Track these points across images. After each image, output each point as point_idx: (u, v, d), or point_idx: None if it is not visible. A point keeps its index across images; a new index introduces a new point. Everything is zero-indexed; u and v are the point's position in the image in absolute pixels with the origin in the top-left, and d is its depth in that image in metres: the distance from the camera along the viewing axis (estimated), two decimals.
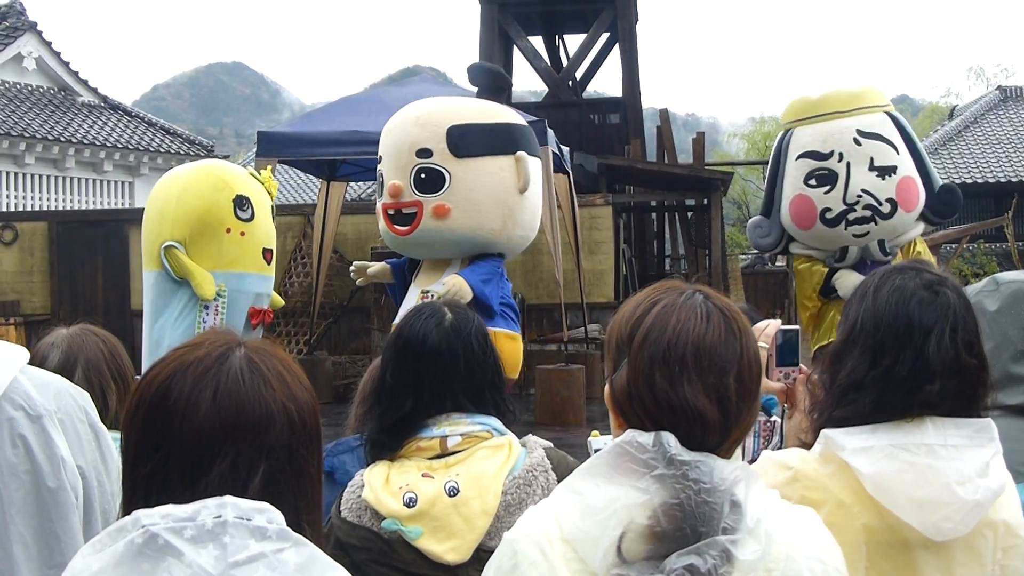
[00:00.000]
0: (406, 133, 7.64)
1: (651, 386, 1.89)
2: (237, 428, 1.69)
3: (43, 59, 28.59)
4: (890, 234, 7.94)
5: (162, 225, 7.71)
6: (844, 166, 7.98)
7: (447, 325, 2.89)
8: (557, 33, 28.09)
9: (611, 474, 1.84)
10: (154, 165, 29.25)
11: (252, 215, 7.76)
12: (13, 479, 2.23)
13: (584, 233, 16.53)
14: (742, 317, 1.99)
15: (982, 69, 64.42)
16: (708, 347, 1.90)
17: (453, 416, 2.80)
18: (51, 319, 17.98)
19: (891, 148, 7.79)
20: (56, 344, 3.37)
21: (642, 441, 1.84)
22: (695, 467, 1.81)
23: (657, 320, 1.94)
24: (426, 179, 7.52)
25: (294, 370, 1.83)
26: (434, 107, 7.84)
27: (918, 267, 2.43)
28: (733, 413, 1.89)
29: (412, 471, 2.74)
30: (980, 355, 2.34)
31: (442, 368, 2.83)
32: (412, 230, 7.60)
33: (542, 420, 13.63)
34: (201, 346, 1.78)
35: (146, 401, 1.73)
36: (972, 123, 36.78)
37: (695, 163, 22.75)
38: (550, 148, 12.52)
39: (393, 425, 2.81)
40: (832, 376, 2.40)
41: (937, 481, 2.20)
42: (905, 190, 7.77)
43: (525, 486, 2.73)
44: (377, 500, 2.70)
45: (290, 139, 13.02)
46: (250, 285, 7.83)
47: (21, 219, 19.72)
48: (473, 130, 7.66)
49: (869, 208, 7.89)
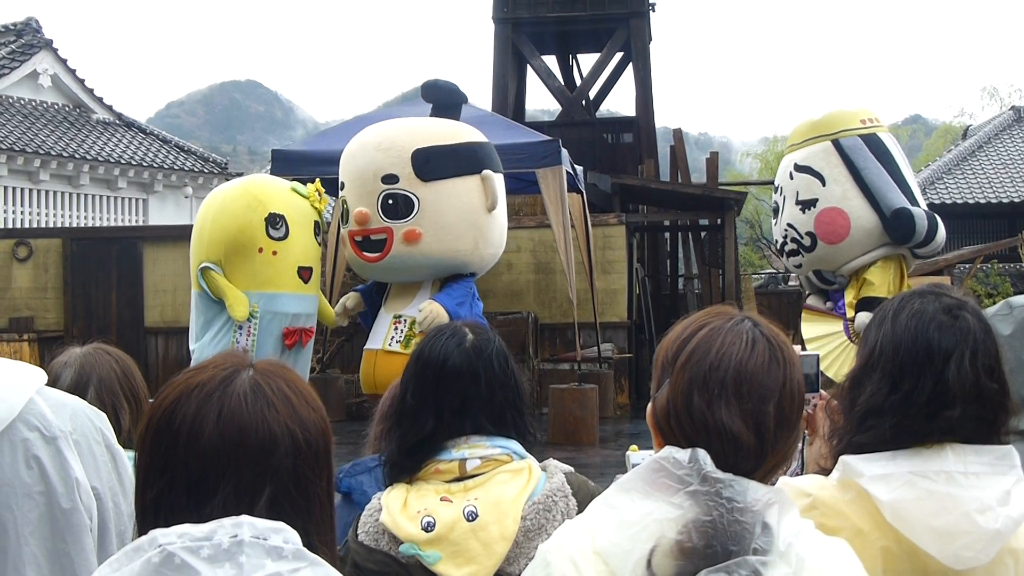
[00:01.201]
0: (368, 159, 7.60)
1: (689, 406, 1.90)
2: (241, 451, 1.69)
3: (58, 76, 28.71)
4: (826, 264, 8.00)
5: (200, 246, 7.68)
6: (782, 200, 8.17)
7: (468, 346, 2.86)
8: (571, 53, 28.14)
9: (647, 489, 1.85)
10: (168, 182, 29.34)
11: (286, 233, 7.64)
12: (27, 500, 2.23)
13: (597, 252, 16.52)
14: (789, 346, 1.99)
15: (996, 89, 64.55)
16: (749, 373, 1.90)
17: (473, 439, 2.77)
18: (64, 336, 18.02)
19: (817, 181, 7.82)
20: (69, 363, 3.36)
21: (678, 457, 1.85)
22: (729, 485, 1.81)
23: (702, 342, 1.95)
24: (394, 204, 7.51)
25: (302, 391, 1.82)
26: (395, 131, 7.79)
27: (937, 291, 2.40)
28: (770, 440, 1.89)
29: (430, 495, 2.71)
30: (1001, 379, 2.32)
31: (462, 389, 2.80)
32: (383, 256, 7.60)
33: (555, 440, 13.61)
34: (207, 369, 1.78)
35: (153, 424, 1.74)
36: (986, 143, 36.72)
37: (709, 183, 22.74)
38: (564, 167, 12.53)
39: (413, 447, 2.78)
40: (851, 401, 2.38)
41: (956, 510, 2.18)
42: (826, 222, 7.78)
43: (545, 511, 2.70)
44: (395, 524, 2.66)
45: (304, 157, 13.04)
46: (283, 305, 7.71)
47: (35, 235, 19.76)
48: (437, 153, 7.65)
49: (794, 241, 8.02)
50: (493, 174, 7.91)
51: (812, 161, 7.87)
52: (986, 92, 63.94)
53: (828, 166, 7.81)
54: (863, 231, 7.74)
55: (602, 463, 12.05)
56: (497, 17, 25.13)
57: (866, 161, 7.79)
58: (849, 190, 7.75)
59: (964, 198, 32.92)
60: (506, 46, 25.03)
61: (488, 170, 7.89)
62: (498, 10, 25.09)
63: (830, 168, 7.80)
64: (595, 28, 25.36)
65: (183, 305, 18.06)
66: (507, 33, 24.99)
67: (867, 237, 7.77)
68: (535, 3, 24.96)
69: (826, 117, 8.03)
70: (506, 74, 25.05)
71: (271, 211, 7.60)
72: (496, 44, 25.29)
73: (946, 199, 32.81)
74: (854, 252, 7.82)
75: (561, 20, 25.03)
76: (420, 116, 8.68)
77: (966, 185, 33.71)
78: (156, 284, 18.64)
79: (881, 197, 7.73)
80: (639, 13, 24.75)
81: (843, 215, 7.72)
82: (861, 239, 7.76)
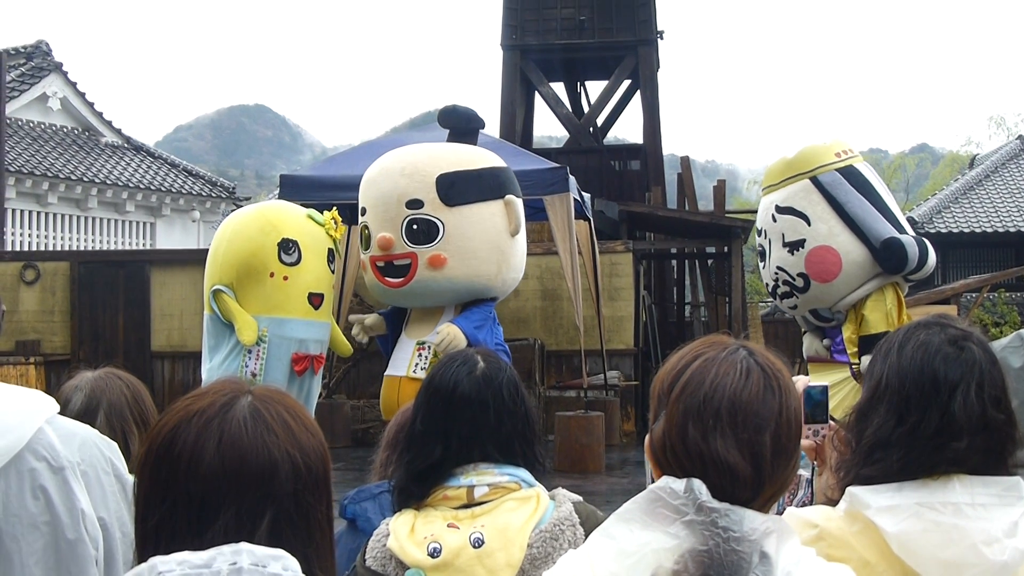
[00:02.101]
0: (392, 184, 7.59)
1: (683, 438, 1.89)
2: (241, 477, 1.69)
3: (68, 99, 28.83)
4: (822, 303, 7.94)
5: (213, 268, 7.68)
6: (768, 243, 8.09)
7: (479, 374, 2.87)
8: (579, 80, 28.21)
9: (645, 519, 1.85)
10: (176, 206, 29.43)
11: (298, 259, 7.62)
12: (33, 530, 2.23)
13: (604, 280, 16.53)
14: (785, 375, 1.99)
15: (1003, 118, 64.46)
16: (744, 403, 1.90)
17: (481, 466, 2.79)
18: (71, 359, 18.05)
19: (802, 221, 7.74)
20: (80, 387, 3.37)
21: (675, 487, 1.85)
22: (725, 515, 1.81)
23: (696, 373, 1.94)
24: (418, 230, 7.50)
25: (301, 416, 1.82)
26: (418, 156, 7.80)
27: (943, 322, 2.41)
28: (767, 470, 1.89)
29: (438, 521, 2.72)
30: (1008, 410, 2.32)
31: (471, 417, 2.81)
32: (407, 281, 7.57)
33: (561, 467, 13.60)
34: (207, 395, 1.79)
35: (153, 451, 1.74)
36: (993, 172, 36.71)
37: (716, 210, 22.77)
38: (571, 194, 12.54)
39: (421, 473, 2.80)
40: (858, 434, 2.37)
41: (963, 541, 2.18)
42: (816, 262, 7.71)
43: (552, 540, 2.70)
44: (402, 549, 2.68)
45: (312, 183, 13.06)
46: (292, 331, 7.68)
47: (43, 258, 19.80)
48: (462, 177, 7.65)
49: (786, 284, 7.96)
50: (516, 199, 7.94)
51: (793, 201, 7.79)
52: (993, 121, 64.14)
53: (810, 204, 7.72)
54: (855, 265, 7.66)
55: (608, 491, 12.03)
56: (505, 44, 25.21)
57: (847, 195, 7.70)
58: (835, 226, 7.67)
59: (971, 227, 32.89)
60: (514, 73, 25.09)
61: (511, 195, 7.91)
62: (506, 37, 25.17)
63: (812, 206, 7.71)
64: (603, 55, 25.43)
65: (190, 329, 18.10)
66: (515, 60, 25.07)
67: (859, 271, 7.69)
68: (543, 30, 25.05)
69: (800, 155, 7.91)
70: (514, 101, 25.12)
71: (284, 236, 7.59)
72: (504, 71, 25.36)
73: (953, 228, 32.81)
74: (848, 287, 7.74)
75: (569, 47, 25.10)
76: (433, 141, 8.70)
77: (973, 214, 33.69)
78: (163, 308, 18.65)
79: (868, 229, 7.65)
80: (647, 41, 24.80)
81: (833, 252, 7.64)
82: (854, 273, 7.68)
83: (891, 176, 59.96)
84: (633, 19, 24.79)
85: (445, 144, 8.27)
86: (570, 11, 24.89)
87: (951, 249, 33.20)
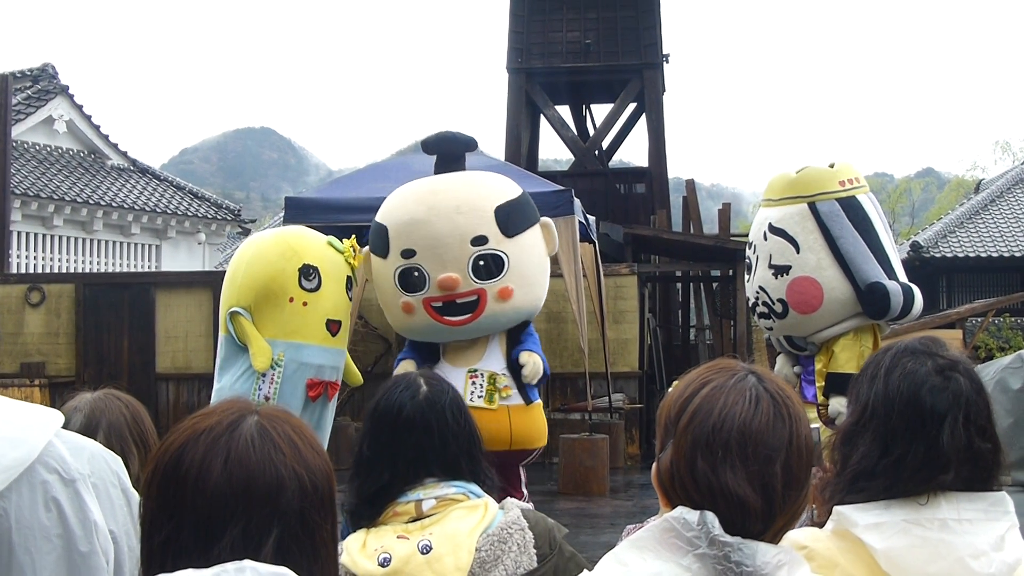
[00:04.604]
0: (450, 224, 7.40)
1: (692, 469, 1.89)
2: (248, 495, 1.70)
3: (74, 122, 28.85)
4: (798, 331, 7.87)
5: (232, 290, 7.65)
6: (755, 259, 7.99)
7: (421, 398, 2.95)
8: (584, 103, 28.28)
9: (658, 548, 1.85)
10: (181, 228, 29.45)
11: (318, 285, 7.55)
12: (45, 543, 2.23)
13: (609, 302, 16.52)
14: (794, 402, 1.97)
15: (1008, 143, 64.58)
16: (754, 433, 1.89)
17: (428, 481, 2.87)
18: (76, 381, 18.01)
19: (791, 246, 7.64)
20: (79, 408, 3.39)
21: (688, 519, 1.85)
22: (738, 549, 1.80)
23: (704, 402, 1.93)
24: (484, 266, 7.41)
25: (307, 436, 1.84)
26: (465, 191, 7.63)
27: (930, 349, 2.40)
28: (778, 502, 1.88)
29: (388, 535, 2.80)
30: (993, 439, 2.32)
31: (416, 441, 2.90)
32: (475, 317, 7.42)
33: (565, 490, 13.58)
34: (214, 414, 1.80)
35: (160, 469, 1.75)
36: (998, 197, 36.74)
37: (721, 233, 22.78)
38: (576, 217, 12.54)
39: (370, 497, 2.88)
40: (843, 458, 2.38)
41: (950, 556, 2.18)
42: (798, 291, 7.63)
43: (500, 543, 2.77)
44: (353, 563, 2.76)
45: (318, 205, 13.04)
46: (309, 356, 7.62)
47: (48, 281, 19.77)
48: (514, 207, 7.58)
49: (766, 305, 7.85)
50: (549, 221, 7.97)
51: (787, 224, 7.68)
52: (999, 146, 63.96)
53: (803, 231, 7.61)
54: (836, 302, 7.58)
55: (612, 513, 12.01)
56: (511, 67, 25.28)
57: (842, 229, 7.57)
58: (824, 259, 7.56)
59: (976, 251, 32.90)
60: (520, 96, 25.16)
61: (545, 217, 7.93)
62: (512, 60, 25.24)
63: (805, 234, 7.60)
64: (608, 79, 25.49)
65: (194, 351, 18.09)
66: (521, 83, 25.13)
67: (840, 308, 7.60)
68: (549, 54, 25.12)
69: (803, 176, 7.79)
70: (519, 123, 25.17)
71: (305, 262, 7.55)
72: (510, 94, 25.43)
73: (958, 252, 32.82)
74: (826, 322, 7.67)
75: (575, 71, 25.16)
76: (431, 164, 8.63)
77: (978, 239, 33.69)
78: (168, 330, 18.62)
79: (856, 269, 7.54)
80: (652, 64, 24.87)
81: (816, 285, 7.55)
82: (834, 310, 7.60)
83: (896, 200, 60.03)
84: (638, 43, 24.86)
85: (476, 175, 8.06)
86: (576, 35, 24.97)
87: (956, 273, 33.21)
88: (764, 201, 8.10)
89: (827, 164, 7.92)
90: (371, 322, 16.99)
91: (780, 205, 7.81)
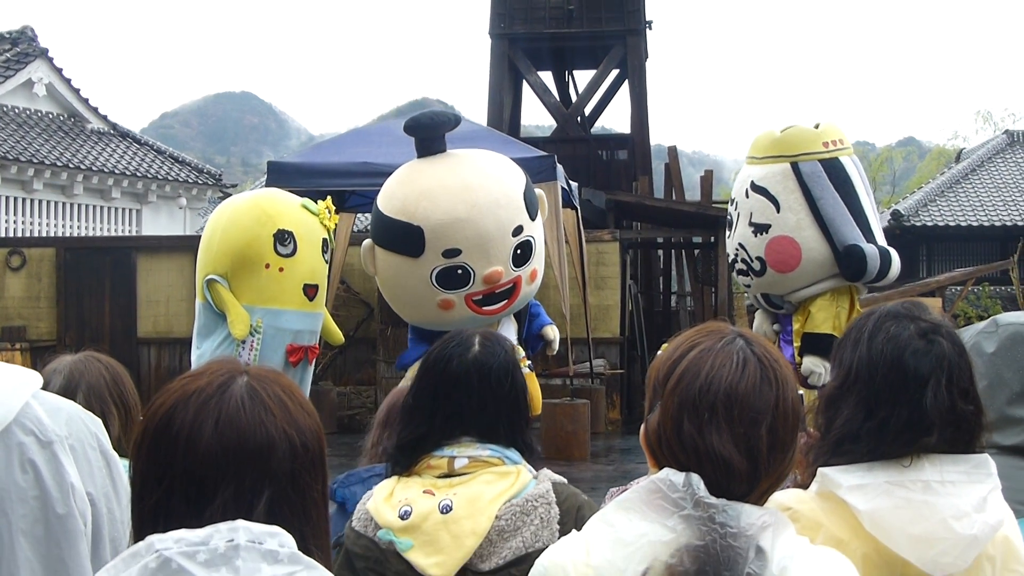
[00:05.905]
0: (496, 220, 7.19)
1: (679, 431, 1.90)
2: (239, 455, 1.71)
3: (53, 85, 28.63)
4: (775, 290, 7.91)
5: (207, 257, 7.57)
6: (736, 216, 8.01)
7: (470, 357, 2.92)
8: (567, 69, 28.16)
9: (644, 509, 1.86)
10: (162, 193, 29.32)
11: (294, 250, 7.49)
12: (22, 504, 2.23)
13: (591, 268, 16.55)
14: (781, 365, 1.98)
15: (990, 113, 64.43)
16: (740, 395, 1.90)
17: (464, 439, 2.86)
18: (57, 345, 17.99)
19: (771, 205, 7.68)
20: (59, 370, 3.39)
21: (674, 480, 1.86)
22: (722, 511, 1.82)
23: (692, 364, 1.94)
24: (522, 253, 7.38)
25: (296, 396, 1.84)
26: (493, 181, 7.43)
27: (913, 313, 2.41)
28: (763, 464, 1.90)
29: (415, 487, 2.81)
30: (975, 401, 2.34)
31: (456, 398, 2.88)
32: (511, 302, 7.40)
33: (547, 454, 13.61)
34: (203, 375, 1.80)
35: (150, 432, 1.75)
36: (979, 166, 36.89)
37: (703, 200, 22.77)
38: (559, 183, 12.53)
39: (407, 444, 2.89)
40: (827, 421, 2.39)
41: (933, 517, 2.20)
42: (776, 250, 7.66)
43: (523, 514, 2.76)
44: (377, 511, 2.79)
45: (300, 169, 13.01)
46: (287, 322, 7.57)
47: (29, 245, 19.77)
48: (529, 189, 7.50)
49: (744, 263, 7.89)
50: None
51: (769, 183, 7.71)
52: (980, 116, 64.19)
53: (784, 191, 7.64)
54: (814, 263, 7.61)
55: (593, 478, 12.06)
56: (494, 32, 25.17)
57: (823, 190, 7.59)
58: (804, 219, 7.59)
59: (956, 221, 33.04)
60: (502, 61, 25.06)
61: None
62: (495, 26, 25.13)
63: (786, 194, 7.63)
64: (591, 45, 25.39)
65: (176, 316, 18.07)
66: (503, 48, 25.03)
67: (818, 268, 7.64)
68: (532, 19, 25.01)
69: (788, 135, 7.80)
70: (502, 89, 25.09)
71: (280, 227, 7.46)
72: (492, 59, 25.33)
73: (939, 221, 32.96)
74: (803, 282, 7.71)
75: (558, 36, 25.06)
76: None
77: (959, 208, 33.83)
78: (149, 295, 18.61)
79: (836, 230, 7.57)
80: (636, 31, 24.78)
81: (795, 245, 7.58)
82: (811, 270, 7.64)
83: (878, 169, 59.99)
84: (622, 9, 24.77)
85: (484, 159, 7.73)
86: (559, 0, 24.87)
87: (936, 242, 33.36)
88: (748, 159, 8.09)
89: (813, 124, 7.91)
90: (353, 287, 17.00)
91: (763, 163, 7.82)
